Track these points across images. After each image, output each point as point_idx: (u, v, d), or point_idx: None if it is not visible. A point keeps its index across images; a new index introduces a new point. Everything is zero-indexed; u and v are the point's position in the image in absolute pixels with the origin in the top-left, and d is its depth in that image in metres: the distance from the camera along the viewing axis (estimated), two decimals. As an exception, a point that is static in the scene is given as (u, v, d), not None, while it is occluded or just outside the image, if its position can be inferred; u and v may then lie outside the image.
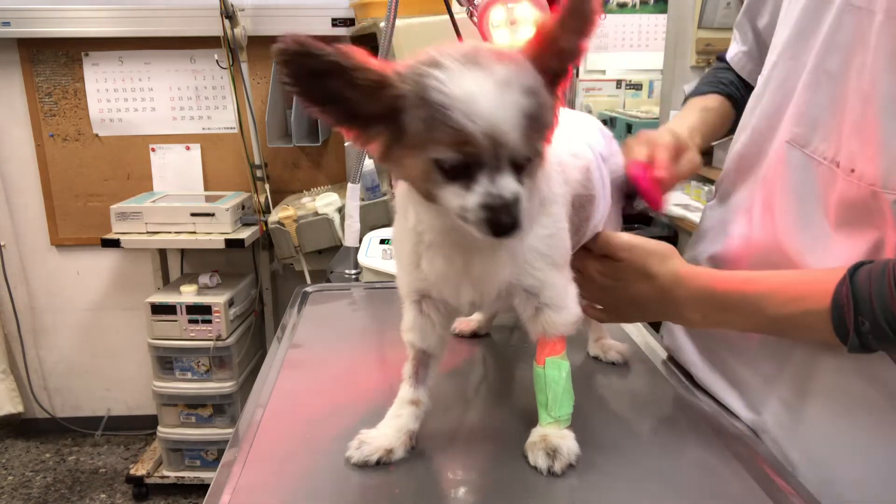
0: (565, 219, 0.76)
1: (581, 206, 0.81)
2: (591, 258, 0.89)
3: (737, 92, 1.07)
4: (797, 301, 0.72)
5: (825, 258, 0.74)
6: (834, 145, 0.73)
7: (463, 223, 0.63)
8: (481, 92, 0.58)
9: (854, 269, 0.67)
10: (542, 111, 0.62)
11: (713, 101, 1.08)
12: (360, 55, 0.60)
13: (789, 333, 0.78)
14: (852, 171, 0.70)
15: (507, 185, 0.61)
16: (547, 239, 0.74)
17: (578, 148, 0.83)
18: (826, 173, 0.74)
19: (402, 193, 0.72)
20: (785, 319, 0.74)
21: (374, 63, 0.61)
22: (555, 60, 0.64)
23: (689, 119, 1.05)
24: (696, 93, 1.11)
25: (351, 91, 0.60)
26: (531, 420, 0.78)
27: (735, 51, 1.08)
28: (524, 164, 0.62)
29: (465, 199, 0.61)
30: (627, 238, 0.87)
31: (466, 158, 0.60)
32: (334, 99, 0.60)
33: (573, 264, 0.80)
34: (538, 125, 0.61)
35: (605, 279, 0.89)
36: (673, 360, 1.03)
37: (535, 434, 0.77)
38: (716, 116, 1.07)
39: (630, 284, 0.86)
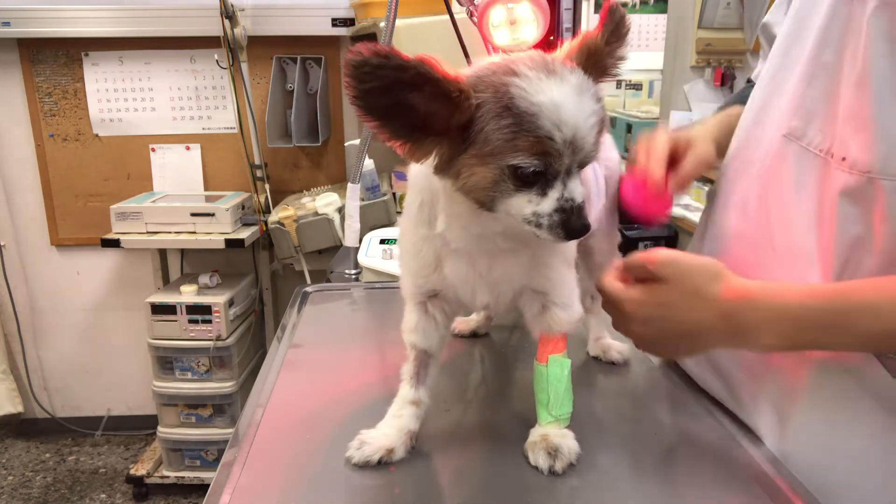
0: None
1: None
2: (625, 289, 0.75)
3: None
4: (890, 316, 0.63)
5: (814, 253, 0.72)
6: (829, 136, 0.71)
7: (534, 229, 0.64)
8: (566, 100, 0.60)
9: None
10: (605, 116, 0.65)
11: (735, 109, 1.02)
12: (439, 66, 0.59)
13: (886, 348, 0.69)
14: (843, 159, 0.68)
15: (578, 188, 0.63)
16: (556, 249, 0.76)
17: None
18: (821, 165, 0.72)
19: (426, 201, 0.72)
20: (882, 337, 0.65)
21: (450, 73, 0.60)
22: (595, 74, 0.67)
23: (706, 122, 1.00)
24: (722, 107, 1.09)
25: (435, 104, 0.59)
26: (531, 420, 0.78)
27: (758, 69, 1.04)
28: (586, 166, 0.66)
29: (540, 205, 0.63)
30: (667, 253, 0.74)
31: (546, 165, 0.61)
32: (396, 113, 0.59)
33: (604, 304, 0.78)
34: (602, 130, 0.64)
35: (647, 310, 0.73)
36: (670, 361, 1.03)
37: (536, 433, 0.77)
38: (736, 120, 1.04)
39: (682, 312, 0.71)
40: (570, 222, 0.63)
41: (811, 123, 0.74)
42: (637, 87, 3.25)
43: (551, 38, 0.67)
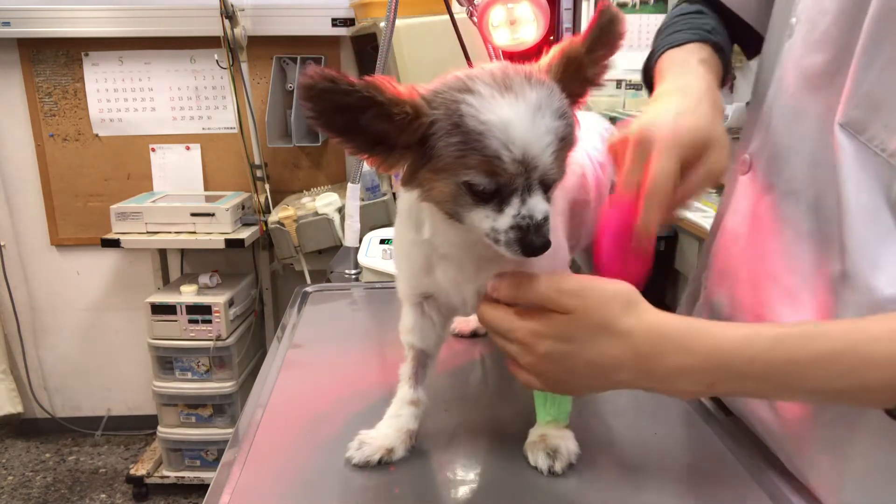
0: (562, 224, 0.77)
1: (576, 212, 0.81)
2: (517, 319, 0.66)
3: (725, 44, 0.87)
4: (850, 374, 0.56)
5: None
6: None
7: (493, 244, 0.63)
8: (516, 118, 0.58)
9: None
10: (571, 131, 0.63)
11: (705, 52, 0.83)
12: (389, 87, 0.59)
13: (836, 402, 0.63)
14: None
15: (539, 205, 0.62)
16: (552, 254, 0.75)
17: (576, 154, 0.83)
18: (886, 169, 0.61)
19: (413, 207, 0.72)
20: (832, 393, 0.59)
21: (402, 92, 0.60)
22: (577, 84, 0.65)
23: (694, 84, 0.77)
24: (673, 43, 0.85)
25: (382, 124, 0.60)
26: (531, 420, 0.78)
27: None
28: (552, 184, 0.64)
29: (496, 221, 0.62)
30: (577, 281, 0.65)
31: (499, 183, 0.60)
32: (355, 129, 0.60)
33: (491, 335, 0.71)
34: (567, 146, 0.63)
35: (548, 343, 0.64)
36: None
37: (535, 433, 0.77)
38: (717, 76, 0.83)
39: (589, 347, 0.63)
40: (527, 239, 0.61)
41: (876, 115, 0.62)
42: (637, 87, 3.25)
43: (551, 38, 0.64)
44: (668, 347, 0.62)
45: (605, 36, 0.64)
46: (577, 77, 0.65)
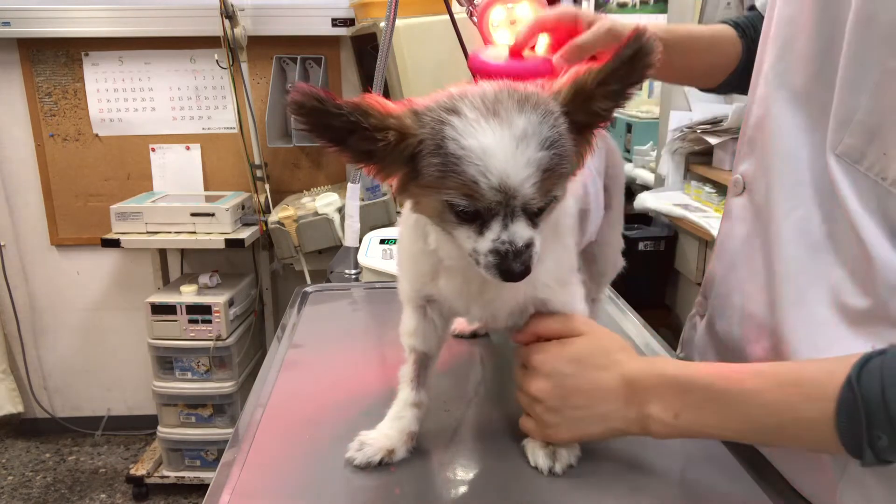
0: (574, 235, 0.77)
1: (579, 220, 0.81)
2: (536, 345, 0.75)
3: (751, 29, 0.90)
4: (791, 407, 0.59)
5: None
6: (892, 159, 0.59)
7: (475, 264, 0.63)
8: (496, 147, 0.57)
9: (860, 367, 0.55)
10: (561, 161, 0.61)
11: (717, 26, 0.91)
12: (377, 108, 0.60)
13: (782, 442, 0.66)
14: None
15: (520, 232, 0.61)
16: (560, 261, 0.75)
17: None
18: (888, 198, 0.61)
19: (420, 217, 0.72)
20: (777, 428, 0.61)
21: (392, 110, 0.60)
22: (584, 115, 0.63)
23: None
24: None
25: (368, 145, 0.60)
26: (531, 420, 0.78)
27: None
28: (543, 209, 0.62)
29: (477, 243, 0.62)
30: (582, 318, 0.75)
31: (479, 207, 0.60)
32: (348, 142, 0.60)
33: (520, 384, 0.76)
34: (556, 176, 0.61)
35: (556, 363, 0.71)
36: None
37: (534, 434, 0.77)
38: (709, 33, 0.89)
39: (590, 370, 0.70)
40: (504, 265, 0.61)
41: (873, 144, 0.61)
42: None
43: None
44: (647, 375, 0.68)
45: (627, 68, 0.60)
46: (585, 109, 0.62)
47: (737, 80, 0.92)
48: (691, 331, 0.96)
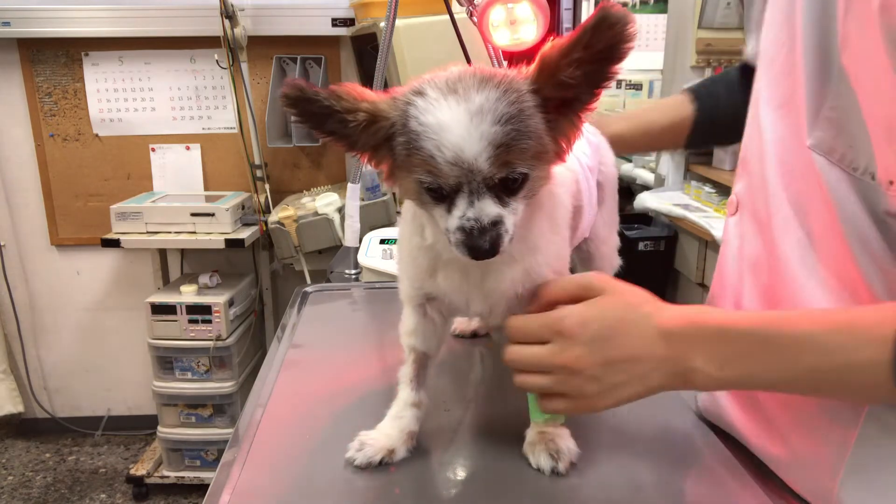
0: (568, 228, 0.78)
1: (573, 215, 0.82)
2: (565, 306, 0.68)
3: (706, 97, 1.01)
4: (845, 349, 0.57)
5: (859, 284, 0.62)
6: (865, 153, 0.60)
7: (449, 243, 0.64)
8: (451, 122, 0.60)
9: None
10: (520, 137, 0.61)
11: (674, 103, 1.01)
12: (352, 94, 0.63)
13: (834, 390, 0.62)
14: (892, 182, 0.58)
15: (486, 209, 0.62)
16: (558, 252, 0.76)
17: (569, 160, 0.83)
18: (862, 187, 0.61)
19: (417, 211, 0.72)
20: (830, 373, 0.59)
21: (369, 96, 0.64)
22: (552, 88, 0.63)
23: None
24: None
25: (344, 129, 0.64)
26: (530, 419, 0.78)
27: (751, 46, 0.93)
28: (514, 187, 0.63)
29: (447, 221, 0.63)
30: (597, 274, 0.71)
31: (442, 183, 0.62)
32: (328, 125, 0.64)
33: (525, 345, 0.71)
34: (516, 151, 0.61)
35: (595, 328, 0.66)
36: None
37: (533, 434, 0.77)
38: (668, 121, 1.00)
39: (629, 330, 0.66)
40: (470, 242, 0.62)
41: (839, 136, 0.62)
42: (637, 87, 3.25)
43: (552, 38, 0.62)
44: (683, 327, 0.65)
45: (590, 36, 0.59)
46: (553, 81, 0.62)
47: (699, 141, 1.03)
48: None
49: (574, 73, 0.61)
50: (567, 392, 0.68)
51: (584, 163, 0.88)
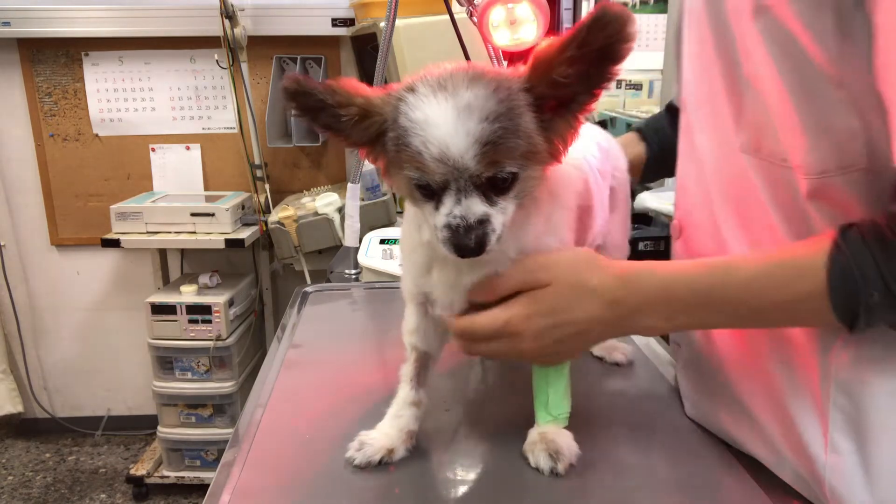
0: (570, 230, 0.77)
1: (580, 216, 0.81)
2: (504, 309, 0.70)
3: (652, 134, 1.07)
4: (784, 284, 0.61)
5: None
6: (782, 144, 0.64)
7: (437, 241, 0.64)
8: (437, 118, 0.60)
9: (842, 234, 0.58)
10: (508, 135, 0.61)
11: (623, 138, 1.07)
12: (347, 88, 0.64)
13: (778, 323, 0.67)
14: (797, 166, 0.63)
15: (473, 207, 0.62)
16: None
17: (577, 160, 0.83)
18: (785, 174, 0.65)
19: (416, 209, 0.72)
20: (772, 309, 0.63)
21: (363, 91, 0.64)
22: (546, 86, 0.62)
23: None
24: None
25: (337, 123, 0.64)
26: (530, 419, 0.78)
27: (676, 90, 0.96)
28: (503, 187, 0.63)
29: (436, 218, 0.64)
30: (540, 258, 0.71)
31: (430, 180, 0.62)
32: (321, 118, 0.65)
33: (473, 342, 0.73)
34: (503, 150, 0.61)
35: (537, 321, 0.69)
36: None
37: (534, 434, 0.77)
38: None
39: (572, 311, 0.68)
40: (456, 240, 0.62)
41: (763, 135, 0.66)
42: (637, 87, 3.25)
43: (552, 38, 0.62)
44: (627, 289, 0.68)
45: (586, 35, 0.58)
46: (547, 80, 0.62)
47: (652, 175, 1.08)
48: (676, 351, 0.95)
49: (568, 71, 0.61)
50: (508, 353, 0.73)
51: (594, 165, 0.88)
